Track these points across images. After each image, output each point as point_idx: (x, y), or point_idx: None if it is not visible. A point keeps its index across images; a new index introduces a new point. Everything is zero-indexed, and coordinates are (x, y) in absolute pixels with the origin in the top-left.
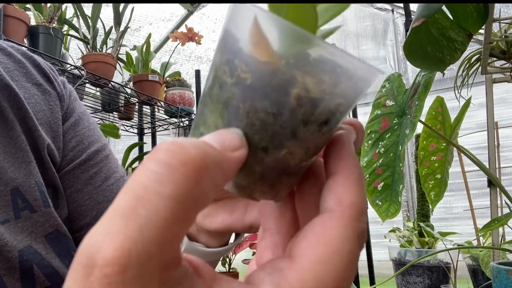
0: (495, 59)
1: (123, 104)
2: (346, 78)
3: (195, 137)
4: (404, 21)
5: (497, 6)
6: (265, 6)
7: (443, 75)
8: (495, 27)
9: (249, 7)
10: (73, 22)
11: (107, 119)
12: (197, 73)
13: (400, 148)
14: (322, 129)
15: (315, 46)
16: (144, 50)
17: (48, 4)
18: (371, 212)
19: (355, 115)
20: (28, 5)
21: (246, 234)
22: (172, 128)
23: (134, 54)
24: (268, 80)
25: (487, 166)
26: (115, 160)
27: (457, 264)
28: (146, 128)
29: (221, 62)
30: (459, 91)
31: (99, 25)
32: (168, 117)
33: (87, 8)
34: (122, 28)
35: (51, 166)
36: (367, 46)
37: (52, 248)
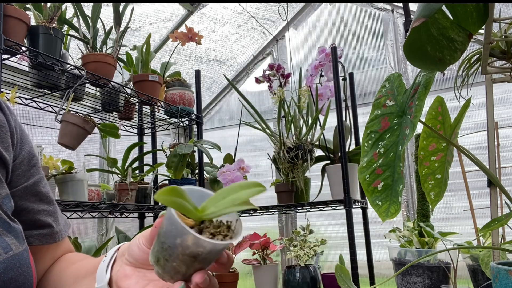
0: (495, 59)
1: (123, 104)
2: (200, 244)
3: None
4: (404, 21)
5: (497, 6)
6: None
7: (443, 75)
8: (495, 27)
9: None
10: (73, 22)
11: (107, 119)
12: (197, 73)
13: (400, 148)
14: (194, 260)
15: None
16: (144, 50)
17: (48, 4)
18: (371, 212)
19: (355, 115)
20: (28, 5)
21: (245, 234)
22: (172, 128)
23: (134, 54)
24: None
25: (487, 166)
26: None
27: (457, 264)
28: (146, 128)
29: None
30: (459, 91)
31: (99, 25)
32: (168, 117)
33: (87, 8)
34: (122, 28)
35: None
36: (367, 46)
37: None
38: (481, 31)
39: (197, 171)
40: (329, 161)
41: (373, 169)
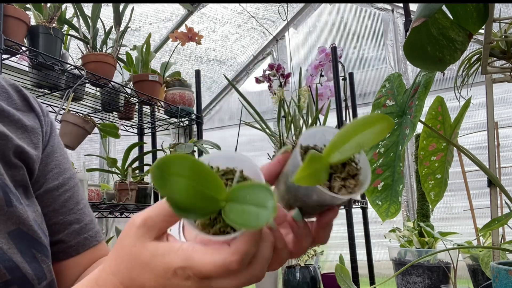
0: (495, 59)
1: (123, 104)
2: (323, 197)
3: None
4: (404, 21)
5: (497, 6)
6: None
7: (443, 75)
8: (495, 27)
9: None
10: (73, 22)
11: (107, 119)
12: (197, 73)
13: (400, 148)
14: (319, 208)
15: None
16: (144, 50)
17: (48, 4)
18: (371, 212)
19: (355, 115)
20: (28, 5)
21: None
22: (172, 128)
23: (134, 54)
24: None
25: (487, 166)
26: (81, 188)
27: (457, 264)
28: (146, 128)
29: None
30: (459, 91)
31: (99, 25)
32: (168, 117)
33: (87, 8)
34: (122, 28)
35: (21, 167)
36: (367, 46)
37: (14, 244)
38: (481, 31)
39: None
40: None
41: (373, 169)
